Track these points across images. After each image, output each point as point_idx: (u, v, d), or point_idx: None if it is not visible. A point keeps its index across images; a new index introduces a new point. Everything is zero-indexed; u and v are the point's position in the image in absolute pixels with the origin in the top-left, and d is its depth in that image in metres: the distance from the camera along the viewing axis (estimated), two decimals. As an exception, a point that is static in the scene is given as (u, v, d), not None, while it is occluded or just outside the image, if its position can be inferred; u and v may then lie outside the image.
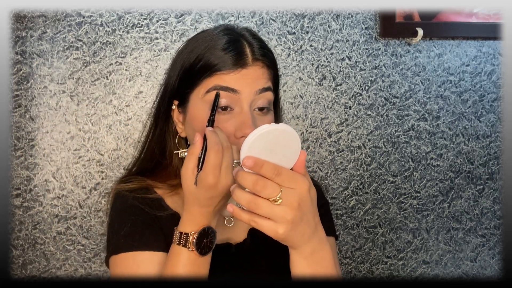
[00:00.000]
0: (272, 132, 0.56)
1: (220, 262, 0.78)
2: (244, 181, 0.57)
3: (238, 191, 0.58)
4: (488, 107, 1.50)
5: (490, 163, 1.53)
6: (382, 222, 1.48)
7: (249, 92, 0.72)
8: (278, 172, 0.56)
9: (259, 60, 0.75)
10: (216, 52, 0.73)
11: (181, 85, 0.77)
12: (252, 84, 0.73)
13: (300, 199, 0.57)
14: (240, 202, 0.58)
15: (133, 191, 0.81)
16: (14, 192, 1.28)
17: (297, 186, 0.57)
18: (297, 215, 0.57)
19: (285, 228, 0.57)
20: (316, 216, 0.62)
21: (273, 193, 0.56)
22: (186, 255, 0.67)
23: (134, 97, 1.30)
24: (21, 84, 1.25)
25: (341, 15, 1.38)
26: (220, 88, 0.72)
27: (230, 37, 0.75)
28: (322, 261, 0.63)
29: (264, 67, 0.75)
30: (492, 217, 1.56)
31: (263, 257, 0.79)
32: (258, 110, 0.74)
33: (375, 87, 1.42)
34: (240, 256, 0.79)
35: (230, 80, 0.72)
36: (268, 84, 0.75)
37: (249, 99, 0.72)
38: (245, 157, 0.56)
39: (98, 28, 1.26)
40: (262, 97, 0.74)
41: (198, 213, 0.67)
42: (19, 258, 1.30)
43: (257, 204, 0.57)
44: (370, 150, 1.44)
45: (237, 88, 0.72)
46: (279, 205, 0.56)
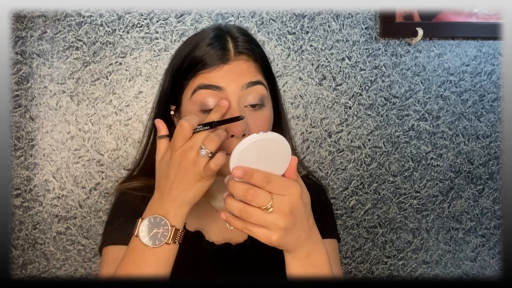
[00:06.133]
0: (260, 141, 0.56)
1: (219, 262, 0.78)
2: (234, 191, 0.57)
3: (230, 200, 0.58)
4: (488, 107, 1.50)
5: (490, 163, 1.53)
6: (382, 222, 1.48)
7: (235, 87, 0.70)
8: (268, 180, 0.56)
9: (243, 53, 0.72)
10: (202, 48, 0.72)
11: (172, 89, 0.76)
12: (238, 79, 0.70)
13: (292, 205, 0.57)
14: (232, 210, 0.58)
15: (136, 189, 0.81)
16: (14, 192, 1.28)
17: (289, 192, 0.57)
18: (290, 221, 0.57)
19: (278, 235, 0.57)
20: (310, 219, 0.61)
21: (264, 201, 0.56)
22: (133, 242, 0.65)
23: (134, 97, 1.30)
24: (21, 84, 1.25)
25: (341, 15, 1.38)
26: (204, 87, 0.70)
27: (215, 33, 0.74)
28: (317, 264, 0.63)
29: (250, 60, 0.73)
30: (492, 217, 1.56)
31: (262, 258, 0.79)
32: (250, 107, 0.71)
33: (375, 87, 1.42)
34: (239, 256, 0.79)
35: (214, 77, 0.70)
36: (257, 78, 0.72)
37: (236, 95, 0.70)
38: (235, 167, 0.56)
39: (98, 28, 1.26)
40: (251, 92, 0.71)
41: (156, 199, 0.66)
42: (19, 258, 1.30)
43: (248, 213, 0.56)
44: (370, 150, 1.44)
45: (220, 85, 0.70)
46: (271, 213, 0.56)
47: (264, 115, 0.73)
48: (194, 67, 0.71)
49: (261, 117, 0.72)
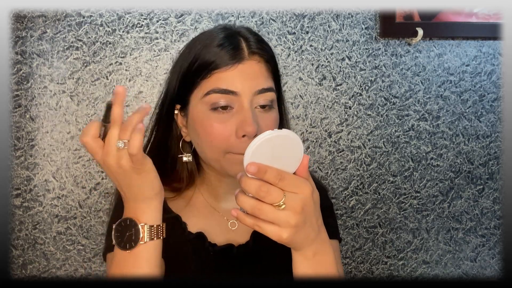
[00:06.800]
0: (274, 138, 0.56)
1: (221, 263, 0.78)
2: (247, 187, 0.57)
3: (242, 196, 0.58)
4: (488, 107, 1.50)
5: (490, 163, 1.53)
6: (382, 222, 1.48)
7: (249, 91, 0.71)
8: (281, 177, 0.56)
9: (256, 53, 0.73)
10: (212, 49, 0.72)
11: (181, 88, 0.76)
12: (252, 83, 0.71)
13: (303, 203, 0.57)
14: (244, 207, 0.58)
15: None
16: (14, 192, 1.28)
17: (300, 190, 0.57)
18: (301, 219, 0.57)
19: (289, 233, 0.57)
20: (319, 218, 0.62)
21: (276, 198, 0.56)
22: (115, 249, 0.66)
23: (134, 97, 1.30)
24: (21, 84, 1.25)
25: (341, 15, 1.37)
26: (219, 91, 0.70)
27: (226, 33, 0.74)
28: (324, 263, 0.63)
29: (262, 61, 0.74)
30: (492, 217, 1.56)
31: (264, 259, 0.79)
32: (260, 107, 0.73)
33: (375, 87, 1.42)
34: (241, 257, 0.79)
35: (228, 78, 0.71)
36: (268, 84, 0.73)
37: (249, 97, 0.71)
38: (249, 163, 0.56)
39: (98, 28, 1.26)
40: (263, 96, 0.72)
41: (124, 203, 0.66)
42: (19, 258, 1.30)
43: (261, 210, 0.57)
44: (370, 150, 1.44)
45: (235, 90, 0.70)
46: (283, 210, 0.56)
47: (273, 116, 0.74)
48: (207, 66, 0.72)
49: (270, 118, 0.73)
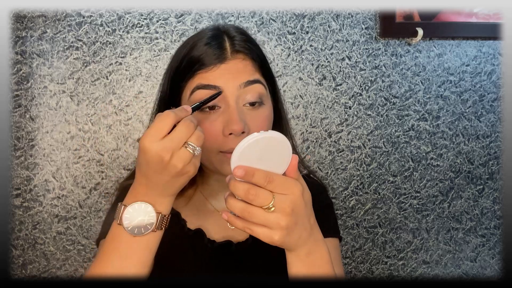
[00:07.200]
0: (260, 140, 0.56)
1: (220, 260, 0.78)
2: (236, 190, 0.57)
3: (231, 199, 0.58)
4: (488, 107, 1.50)
5: (490, 163, 1.53)
6: (382, 222, 1.48)
7: (233, 86, 0.70)
8: (269, 179, 0.56)
9: (240, 52, 0.72)
10: (199, 48, 0.72)
11: (171, 89, 0.76)
12: (235, 78, 0.70)
13: (293, 204, 0.57)
14: (233, 210, 0.58)
15: None
16: (14, 192, 1.28)
17: (290, 191, 0.57)
18: (291, 220, 0.57)
19: (280, 234, 0.57)
20: (311, 217, 0.62)
21: (265, 201, 0.56)
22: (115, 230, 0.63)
23: (134, 97, 1.30)
24: (21, 84, 1.25)
25: (341, 15, 1.38)
26: (202, 87, 0.70)
27: (213, 33, 0.74)
28: (318, 262, 0.63)
29: (247, 59, 0.73)
30: (492, 217, 1.56)
31: (263, 257, 0.79)
32: (249, 105, 0.71)
33: (375, 87, 1.42)
34: (240, 254, 0.79)
35: (211, 77, 0.70)
36: (255, 77, 0.72)
37: (234, 94, 0.70)
38: (236, 166, 0.56)
39: (98, 28, 1.26)
40: (249, 90, 0.71)
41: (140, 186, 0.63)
42: (19, 258, 1.30)
43: (250, 213, 0.56)
44: (370, 150, 1.44)
45: (218, 85, 0.70)
46: (273, 212, 0.56)
47: (264, 114, 0.73)
48: (192, 67, 0.71)
49: (260, 115, 0.72)
